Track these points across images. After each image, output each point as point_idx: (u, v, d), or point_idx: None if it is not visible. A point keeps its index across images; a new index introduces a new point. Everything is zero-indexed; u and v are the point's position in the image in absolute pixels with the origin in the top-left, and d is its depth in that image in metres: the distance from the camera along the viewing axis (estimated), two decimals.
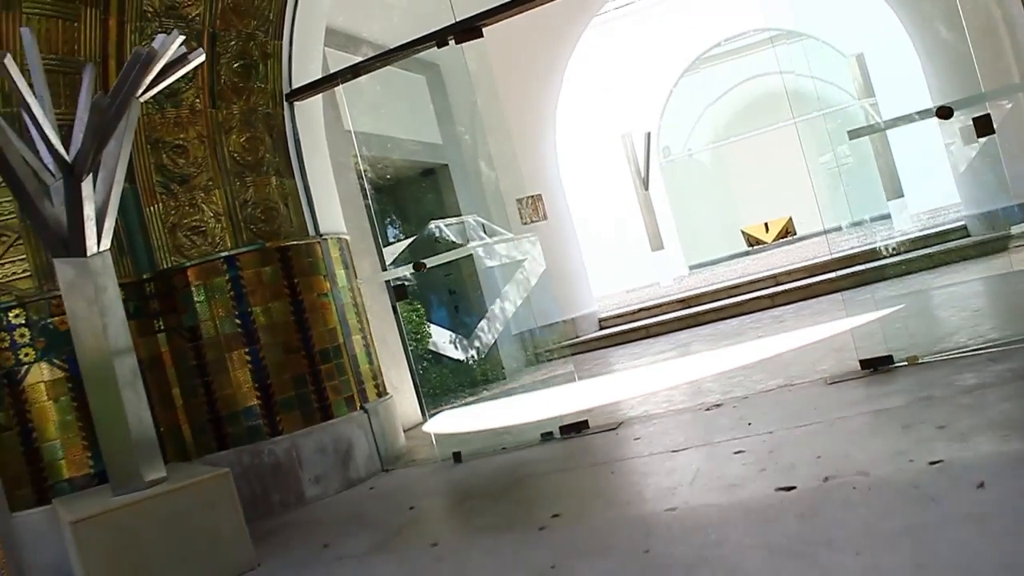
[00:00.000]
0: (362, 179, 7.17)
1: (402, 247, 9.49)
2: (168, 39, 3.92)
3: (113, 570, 3.52)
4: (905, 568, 2.13)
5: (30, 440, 4.66)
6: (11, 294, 4.67)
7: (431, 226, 9.65)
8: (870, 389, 4.21)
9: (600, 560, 2.83)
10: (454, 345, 9.39)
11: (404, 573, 3.26)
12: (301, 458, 5.07)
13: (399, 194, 9.58)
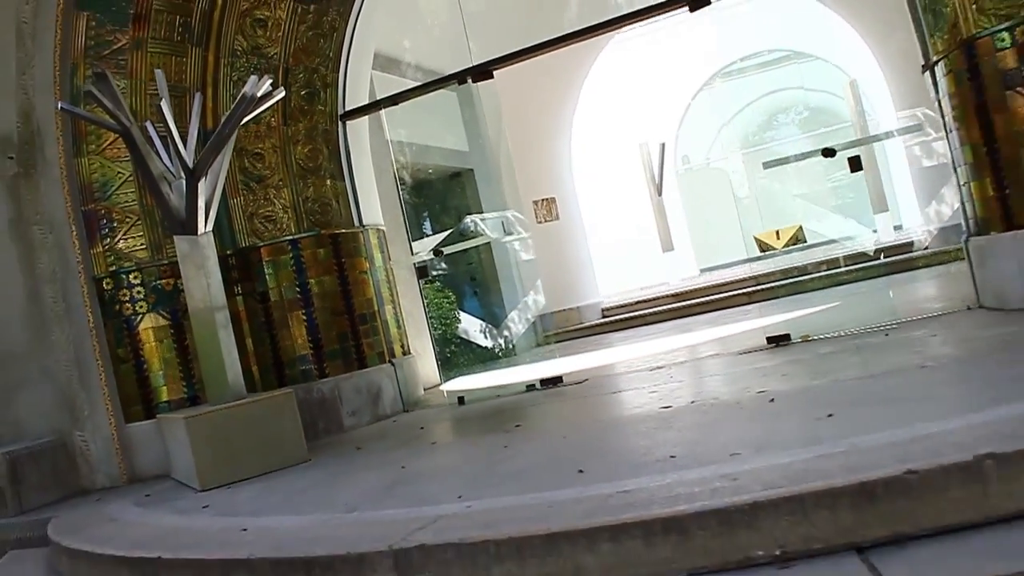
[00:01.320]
0: (397, 181, 8.70)
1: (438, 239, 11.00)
2: (260, 81, 5.46)
3: (212, 453, 5.07)
4: (702, 436, 3.59)
5: (141, 371, 6.24)
6: (132, 261, 6.26)
7: (467, 220, 11.18)
8: (764, 355, 5.69)
9: (536, 441, 4.34)
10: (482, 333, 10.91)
11: (410, 455, 4.79)
12: (341, 396, 6.63)
13: (430, 193, 11.10)
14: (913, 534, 2.36)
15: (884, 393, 3.72)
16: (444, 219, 11.23)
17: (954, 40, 5.07)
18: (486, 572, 2.68)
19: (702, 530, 2.48)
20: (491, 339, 10.81)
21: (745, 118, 21.84)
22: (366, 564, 2.83)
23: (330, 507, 3.71)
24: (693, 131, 20.04)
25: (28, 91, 6.29)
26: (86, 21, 6.19)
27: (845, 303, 8.26)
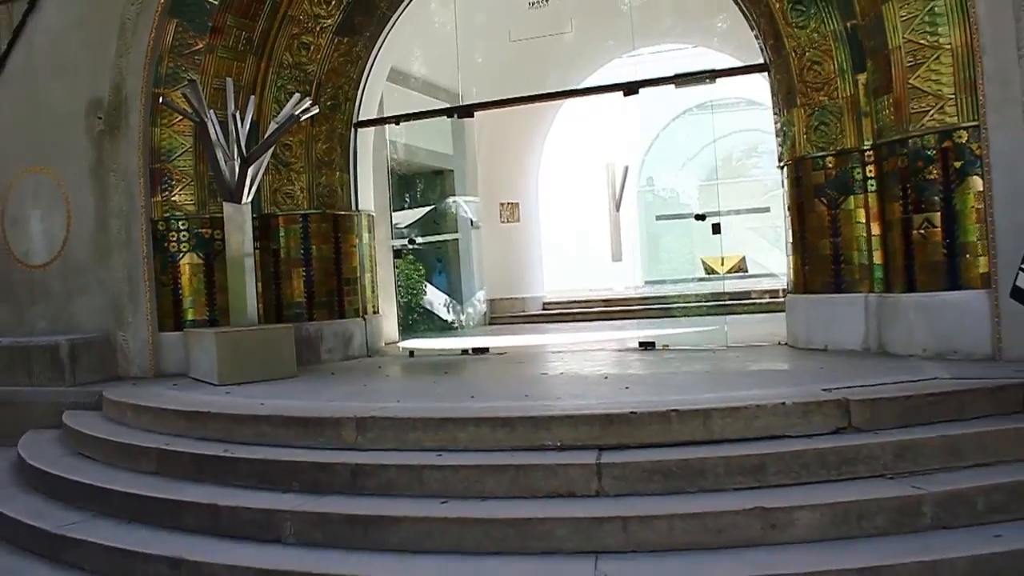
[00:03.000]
0: (389, 175, 10.79)
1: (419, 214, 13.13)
2: (302, 100, 7.57)
3: (230, 360, 7.17)
4: (552, 389, 5.72)
5: (177, 294, 8.31)
6: (182, 211, 8.32)
7: (449, 200, 13.33)
8: (633, 353, 7.89)
9: (454, 382, 6.50)
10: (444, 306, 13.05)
11: (369, 380, 6.95)
12: (323, 336, 8.78)
13: (416, 186, 13.21)
14: (629, 445, 4.53)
15: (671, 381, 5.91)
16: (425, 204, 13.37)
17: (792, 155, 7.25)
18: (406, 435, 4.85)
19: (522, 427, 4.65)
20: (447, 312, 12.97)
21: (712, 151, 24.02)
22: (340, 424, 5.00)
23: (316, 398, 5.87)
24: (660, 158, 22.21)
25: (122, 71, 8.31)
26: (175, 26, 8.21)
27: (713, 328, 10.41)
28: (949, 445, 4.40)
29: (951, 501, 4.01)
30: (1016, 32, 5.60)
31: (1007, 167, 5.66)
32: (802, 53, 7.02)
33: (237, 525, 4.49)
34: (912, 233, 6.19)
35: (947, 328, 5.95)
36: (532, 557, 3.91)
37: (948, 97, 5.91)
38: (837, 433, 4.54)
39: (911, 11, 6.05)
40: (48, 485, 5.77)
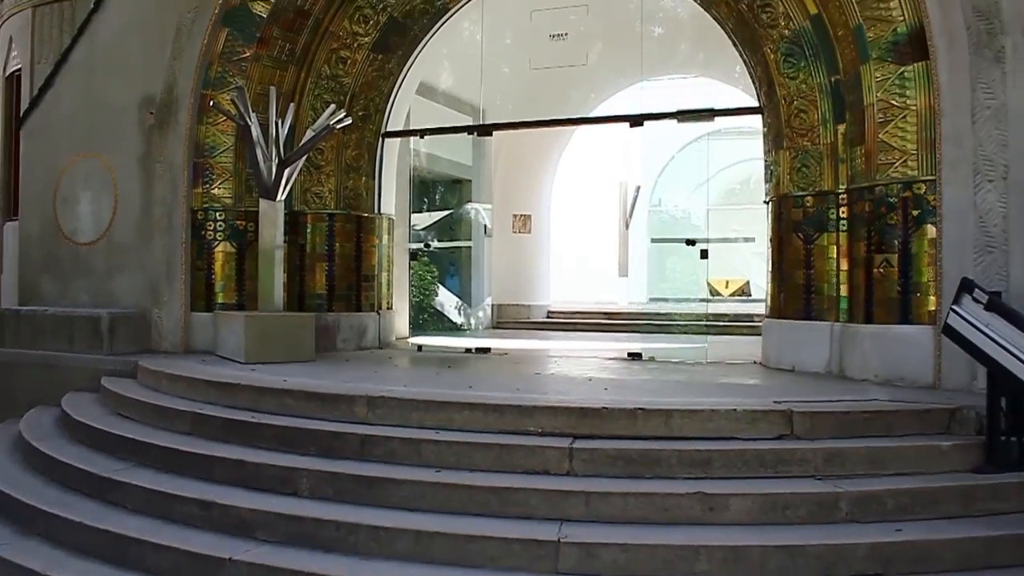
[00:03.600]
0: (411, 181, 11.57)
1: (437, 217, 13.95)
2: (336, 111, 8.36)
3: (257, 342, 7.96)
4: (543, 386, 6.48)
5: (210, 279, 9.10)
6: (220, 203, 9.12)
7: (468, 206, 14.13)
8: (622, 362, 8.64)
9: (456, 374, 7.26)
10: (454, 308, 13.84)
11: (380, 367, 7.72)
12: (339, 327, 9.57)
13: (435, 192, 14.01)
14: (599, 435, 5.28)
15: (646, 386, 6.67)
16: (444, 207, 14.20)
17: (776, 192, 8.00)
18: (409, 414, 5.62)
19: (510, 414, 5.42)
20: (457, 314, 13.75)
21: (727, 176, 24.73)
22: (353, 401, 5.78)
23: (332, 379, 6.65)
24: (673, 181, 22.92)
25: (175, 72, 9.11)
26: (225, 35, 9.01)
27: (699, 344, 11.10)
28: (873, 455, 5.14)
29: (865, 500, 4.75)
30: (971, 101, 6.32)
31: (956, 218, 6.38)
32: (791, 101, 7.77)
33: (261, 479, 5.26)
34: (873, 271, 6.92)
35: (896, 357, 6.67)
36: (508, 519, 4.67)
37: (911, 152, 6.64)
38: (780, 439, 5.27)
39: (885, 74, 6.78)
40: (92, 438, 6.56)
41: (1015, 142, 6.21)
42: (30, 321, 9.25)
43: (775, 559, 4.34)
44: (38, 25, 11.13)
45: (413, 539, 4.53)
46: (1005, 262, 6.24)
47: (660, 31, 9.90)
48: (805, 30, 7.57)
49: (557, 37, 11.09)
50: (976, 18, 6.30)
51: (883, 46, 6.79)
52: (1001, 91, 6.25)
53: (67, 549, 5.11)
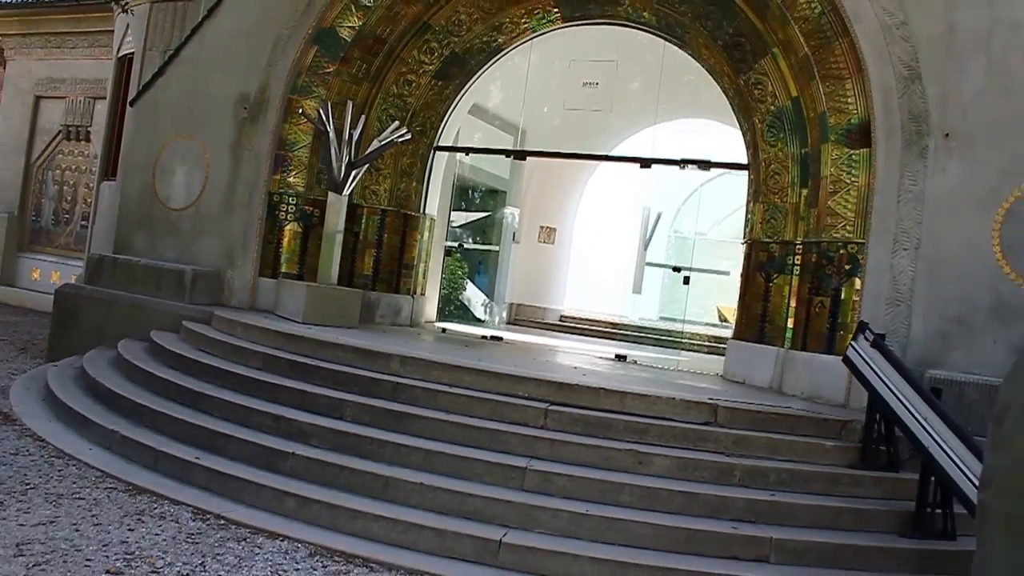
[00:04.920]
0: (454, 188, 13.40)
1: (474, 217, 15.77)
2: (400, 127, 10.20)
3: (314, 307, 9.78)
4: (534, 368, 8.24)
5: (277, 251, 10.95)
6: (293, 190, 10.97)
7: (507, 209, 15.94)
8: (609, 361, 10.39)
9: (471, 351, 9.04)
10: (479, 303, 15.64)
11: (410, 339, 9.50)
12: (380, 304, 11.40)
13: (475, 197, 15.82)
14: (569, 404, 7.03)
15: (616, 377, 8.40)
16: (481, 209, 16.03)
17: (750, 237, 9.72)
18: (430, 372, 7.42)
19: (507, 380, 7.21)
20: (480, 308, 15.56)
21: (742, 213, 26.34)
22: (389, 358, 7.61)
23: (373, 342, 8.46)
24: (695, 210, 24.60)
25: (269, 76, 10.96)
26: (315, 51, 10.86)
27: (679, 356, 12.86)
28: (772, 444, 6.88)
29: (754, 472, 6.49)
30: (898, 185, 8.02)
31: (876, 276, 8.07)
32: (769, 164, 9.50)
33: (316, 405, 7.10)
34: (811, 309, 8.64)
35: (819, 380, 8.37)
36: (494, 452, 6.46)
37: (850, 219, 8.36)
38: (705, 424, 7.01)
39: (839, 154, 8.50)
40: (182, 363, 8.43)
41: (927, 221, 7.90)
42: (125, 268, 11.14)
43: (678, 500, 6.11)
44: (153, 18, 13.10)
45: (423, 456, 6.35)
46: (908, 314, 7.94)
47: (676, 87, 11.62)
48: (786, 108, 9.29)
49: (589, 85, 12.91)
50: (910, 120, 8.01)
51: (840, 132, 8.51)
52: (922, 180, 7.95)
53: (170, 437, 6.96)
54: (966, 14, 7.91)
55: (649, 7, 10.36)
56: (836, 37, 8.46)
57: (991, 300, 7.64)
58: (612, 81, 12.80)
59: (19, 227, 18.63)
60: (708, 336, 16.19)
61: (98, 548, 4.94)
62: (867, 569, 5.85)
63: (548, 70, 12.48)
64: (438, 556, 5.48)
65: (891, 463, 6.90)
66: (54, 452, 6.83)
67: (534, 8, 11.05)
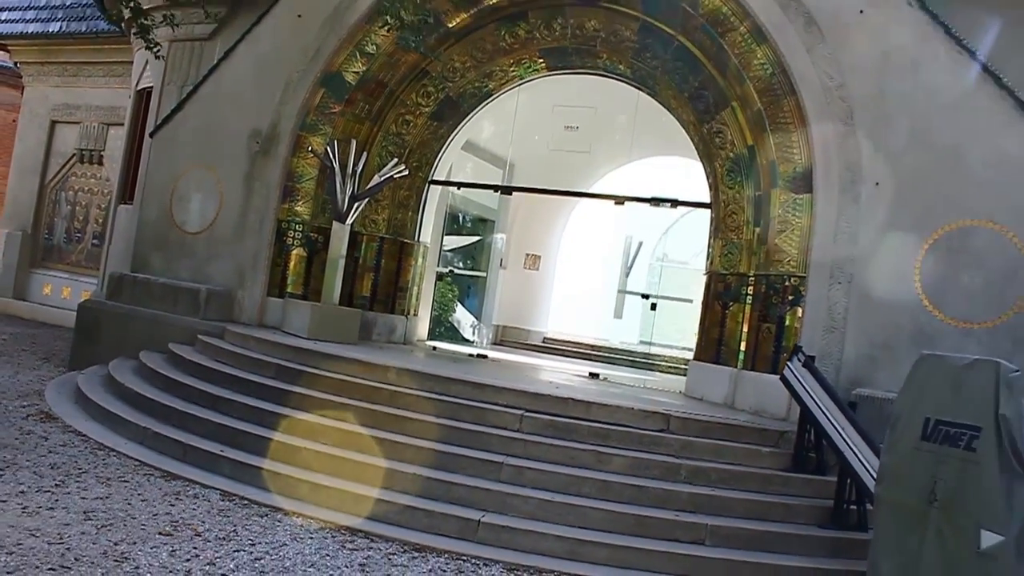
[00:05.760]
0: (445, 217, 14.54)
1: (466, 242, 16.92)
2: (398, 164, 11.35)
3: (318, 324, 10.88)
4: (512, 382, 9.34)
5: (284, 273, 12.06)
6: (299, 218, 12.08)
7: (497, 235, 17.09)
8: (583, 378, 11.50)
9: (458, 366, 10.14)
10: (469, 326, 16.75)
11: (404, 355, 10.59)
12: (377, 323, 12.51)
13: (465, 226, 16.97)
14: (541, 411, 8.14)
15: (586, 390, 9.50)
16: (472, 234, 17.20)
17: (710, 269, 10.87)
18: (423, 382, 8.53)
19: (488, 391, 8.32)
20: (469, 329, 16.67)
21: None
22: (387, 369, 8.72)
23: (372, 356, 9.55)
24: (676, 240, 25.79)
25: (280, 114, 12.07)
26: (322, 93, 11.99)
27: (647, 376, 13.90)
28: (716, 449, 8.00)
29: (698, 471, 7.61)
30: (835, 227, 9.17)
31: (815, 306, 9.19)
32: (727, 204, 10.67)
33: (324, 408, 8.19)
34: (760, 334, 9.78)
35: (765, 396, 9.47)
36: (476, 449, 7.57)
37: (794, 255, 9.51)
38: (659, 431, 8.13)
39: (786, 198, 9.67)
40: (201, 372, 9.51)
41: (859, 259, 9.05)
42: (144, 285, 12.22)
43: (630, 492, 7.23)
44: (172, 55, 14.21)
45: (416, 451, 7.45)
46: (842, 339, 9.07)
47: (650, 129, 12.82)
48: (743, 155, 10.46)
49: (570, 128, 14.13)
50: (846, 170, 9.16)
51: (786, 178, 9.68)
52: (856, 222, 9.09)
53: (195, 434, 8.06)
54: (894, 79, 9.08)
55: (624, 60, 11.56)
56: (785, 95, 9.63)
57: (912, 328, 8.77)
58: (592, 125, 13.99)
59: (32, 244, 19.68)
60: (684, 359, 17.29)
61: (148, 517, 6.03)
62: (788, 553, 6.97)
63: (534, 113, 13.64)
64: (428, 532, 6.59)
65: (819, 467, 8.01)
66: (95, 445, 7.90)
67: (522, 58, 12.23)
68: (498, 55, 12.23)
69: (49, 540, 5.33)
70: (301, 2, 12.02)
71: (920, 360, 6.23)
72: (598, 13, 11.38)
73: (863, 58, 9.25)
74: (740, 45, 9.96)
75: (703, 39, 10.42)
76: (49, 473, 6.81)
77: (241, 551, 5.67)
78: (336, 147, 11.46)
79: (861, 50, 9.27)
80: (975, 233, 8.61)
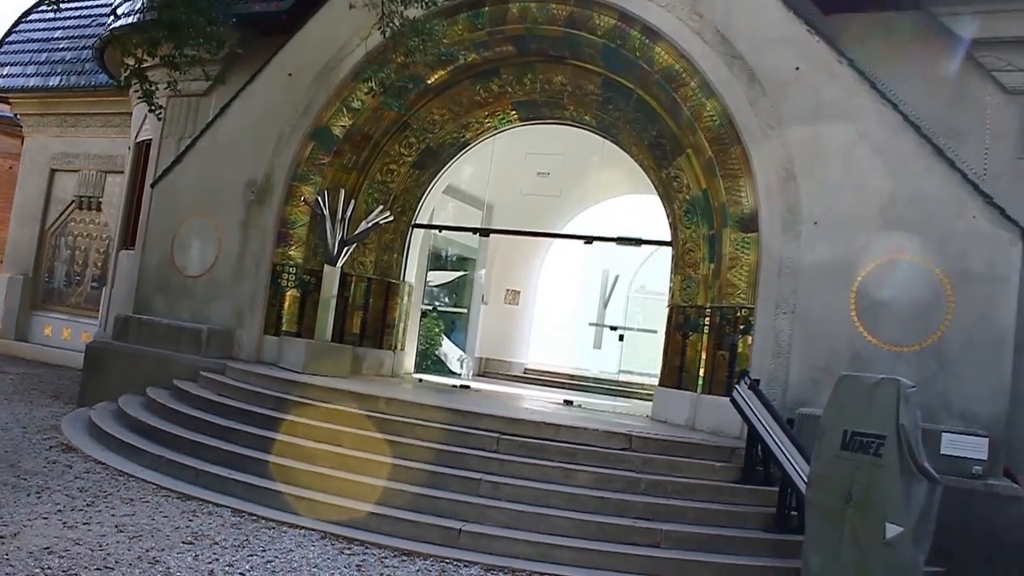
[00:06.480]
0: (429, 258, 15.51)
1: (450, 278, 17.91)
2: (383, 211, 12.34)
3: (312, 359, 11.79)
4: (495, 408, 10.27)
5: (279, 313, 12.99)
6: (293, 261, 13.03)
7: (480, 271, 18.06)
8: (557, 405, 12.44)
9: (443, 395, 11.07)
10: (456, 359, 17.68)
11: (392, 386, 11.51)
12: (366, 357, 13.45)
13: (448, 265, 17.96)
14: (516, 434, 9.08)
15: (558, 415, 10.43)
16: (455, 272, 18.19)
17: (671, 302, 11.86)
18: (410, 409, 9.47)
19: (468, 417, 9.25)
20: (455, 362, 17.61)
21: None
22: (376, 399, 9.66)
23: (363, 387, 10.47)
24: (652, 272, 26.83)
25: (273, 165, 13.05)
26: (312, 145, 12.99)
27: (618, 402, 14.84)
28: (672, 464, 8.94)
29: (656, 484, 8.56)
30: (779, 262, 10.17)
31: (763, 334, 10.17)
32: (685, 243, 11.68)
33: (320, 436, 9.11)
34: (716, 361, 10.76)
35: (721, 418, 10.39)
36: (458, 469, 8.49)
37: (744, 289, 10.52)
38: (622, 449, 9.08)
39: (735, 237, 10.69)
40: (207, 405, 10.42)
41: (801, 291, 10.04)
42: (149, 326, 13.12)
43: (594, 503, 8.17)
44: (170, 109, 15.16)
45: (405, 471, 8.38)
46: (787, 364, 10.04)
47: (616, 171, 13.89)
48: (698, 198, 11.49)
49: (542, 174, 15.22)
50: (786, 211, 10.18)
51: (736, 218, 10.70)
52: (797, 258, 10.09)
53: (205, 460, 8.96)
54: (828, 127, 10.12)
55: (590, 111, 12.63)
56: (732, 144, 10.68)
57: (849, 353, 9.75)
58: (562, 170, 15.07)
59: (33, 288, 20.60)
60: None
61: (171, 529, 6.94)
62: (735, 553, 7.91)
63: (509, 159, 14.68)
64: (416, 540, 7.51)
65: (767, 479, 8.95)
66: (116, 472, 8.79)
67: (496, 110, 13.29)
68: (474, 108, 13.28)
69: (91, 548, 6.23)
70: (291, 61, 13.03)
71: (840, 380, 7.26)
72: (565, 69, 12.45)
73: (800, 110, 10.30)
74: (691, 99, 11.00)
75: (659, 93, 11.47)
76: (79, 495, 7.69)
77: (254, 556, 6.58)
78: (326, 196, 12.43)
79: (798, 103, 10.32)
80: (902, 265, 9.61)
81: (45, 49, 20.80)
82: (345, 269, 13.17)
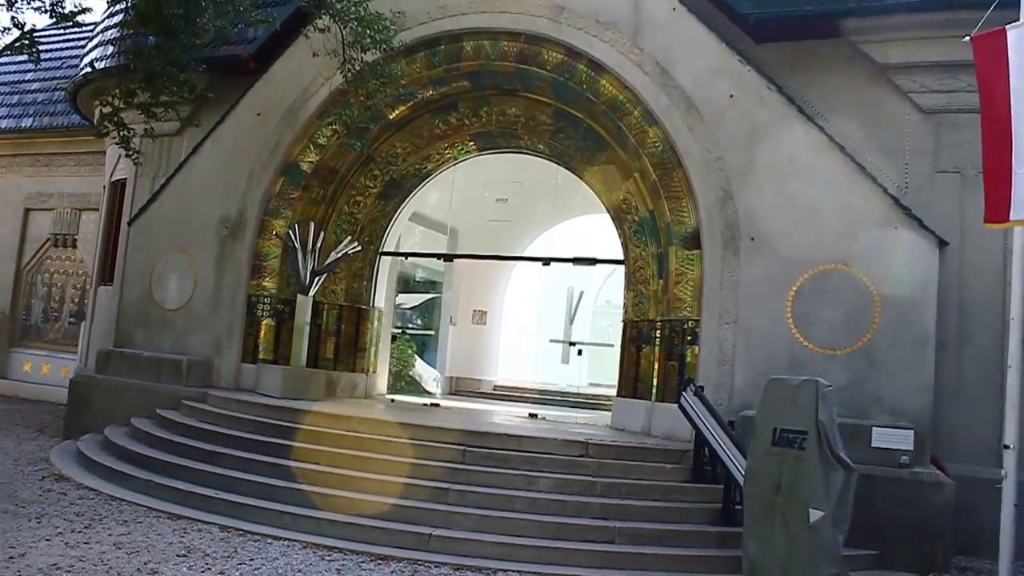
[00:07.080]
0: (396, 284, 16.22)
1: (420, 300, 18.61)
2: (351, 242, 13.04)
3: (289, 385, 12.44)
4: (459, 424, 10.97)
5: (255, 341, 13.63)
6: (267, 292, 13.69)
7: (447, 293, 18.76)
8: (522, 418, 13.15)
9: (415, 414, 11.75)
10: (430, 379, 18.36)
11: (367, 407, 12.19)
12: (340, 381, 14.12)
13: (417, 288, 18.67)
14: (480, 445, 9.79)
15: (522, 427, 11.15)
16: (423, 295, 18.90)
17: (625, 317, 12.62)
18: (382, 428, 10.16)
19: (435, 432, 9.97)
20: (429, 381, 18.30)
21: None
22: (351, 419, 10.35)
23: (338, 409, 11.14)
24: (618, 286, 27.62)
25: (246, 202, 13.70)
26: (282, 181, 13.67)
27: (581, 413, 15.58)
28: (626, 468, 9.68)
29: (611, 486, 9.29)
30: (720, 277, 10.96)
31: (708, 344, 10.92)
32: (635, 261, 12.46)
33: (298, 456, 9.77)
34: (667, 371, 11.52)
35: (674, 423, 11.09)
36: (427, 480, 9.19)
37: (690, 302, 11.30)
38: (579, 456, 9.81)
39: (680, 254, 11.48)
40: (190, 432, 11.05)
41: (742, 302, 10.81)
42: (131, 359, 13.71)
43: (554, 506, 8.90)
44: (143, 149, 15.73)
45: (380, 484, 9.07)
46: (732, 371, 10.81)
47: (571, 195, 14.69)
48: (646, 219, 12.29)
49: (501, 201, 16.02)
50: (726, 229, 10.97)
51: (680, 237, 11.49)
52: (737, 272, 10.88)
53: (192, 482, 9.60)
54: (761, 150, 10.93)
55: (543, 140, 13.42)
56: (674, 167, 11.47)
57: (788, 359, 10.53)
58: (519, 196, 15.85)
59: (11, 325, 21.05)
60: None
61: (165, 545, 7.60)
62: (683, 546, 8.63)
63: (469, 187, 15.47)
64: (389, 546, 8.19)
65: (714, 478, 9.68)
66: (107, 497, 9.41)
67: (455, 142, 14.07)
68: (434, 140, 14.05)
69: (94, 563, 6.89)
70: (260, 101, 13.72)
71: (769, 383, 8.05)
72: (518, 101, 13.25)
73: (735, 134, 11.10)
74: (635, 127, 11.80)
75: (606, 122, 12.28)
76: (77, 519, 8.33)
77: (243, 564, 7.25)
78: (297, 228, 13.14)
79: (733, 128, 11.13)
80: (832, 275, 10.41)
81: (17, 91, 21.37)
82: (317, 297, 13.84)
